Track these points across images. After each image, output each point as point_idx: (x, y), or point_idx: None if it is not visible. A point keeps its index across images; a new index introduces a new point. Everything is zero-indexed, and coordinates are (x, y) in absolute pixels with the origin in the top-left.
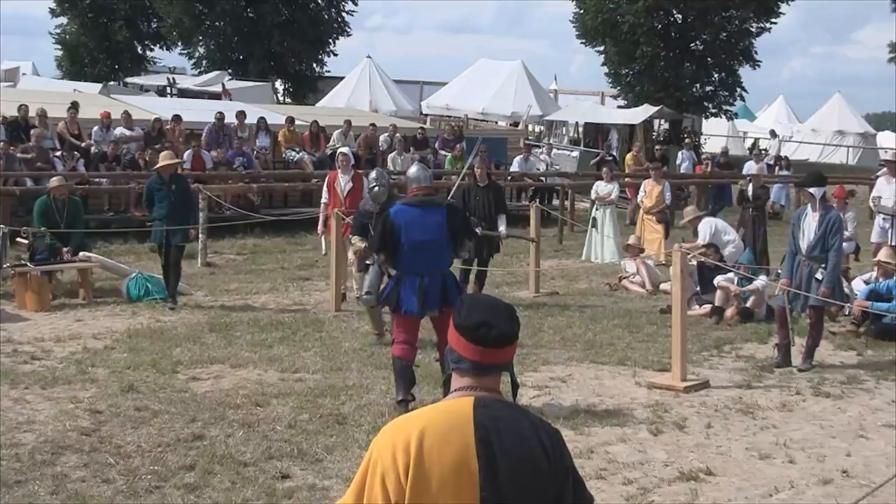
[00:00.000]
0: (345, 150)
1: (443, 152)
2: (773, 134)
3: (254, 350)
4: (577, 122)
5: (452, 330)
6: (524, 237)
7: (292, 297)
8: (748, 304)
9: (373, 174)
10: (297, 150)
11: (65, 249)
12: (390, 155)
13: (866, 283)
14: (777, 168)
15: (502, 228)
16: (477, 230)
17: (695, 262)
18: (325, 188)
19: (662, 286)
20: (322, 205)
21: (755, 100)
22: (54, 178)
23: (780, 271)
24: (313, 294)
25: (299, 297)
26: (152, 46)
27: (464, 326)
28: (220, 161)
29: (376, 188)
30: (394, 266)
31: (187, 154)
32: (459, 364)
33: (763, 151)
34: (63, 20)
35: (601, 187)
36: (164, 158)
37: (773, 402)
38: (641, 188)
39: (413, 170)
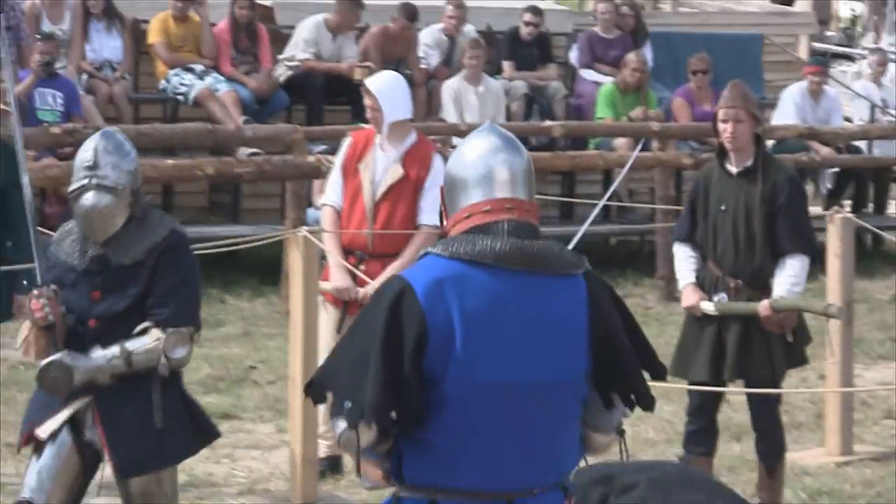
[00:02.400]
0: (373, 84)
1: (589, 74)
2: None
3: None
4: None
5: None
6: (818, 311)
7: (185, 461)
8: None
9: (87, 145)
10: (201, 68)
11: None
12: (447, 82)
13: None
14: None
15: (781, 289)
16: (709, 306)
17: None
18: (335, 172)
19: None
20: (326, 210)
21: None
22: None
23: None
24: (242, 456)
25: (203, 461)
26: None
27: None
28: None
29: (90, 198)
30: (397, 474)
31: None
32: None
33: None
34: None
35: None
36: None
37: None
38: None
39: (476, 153)
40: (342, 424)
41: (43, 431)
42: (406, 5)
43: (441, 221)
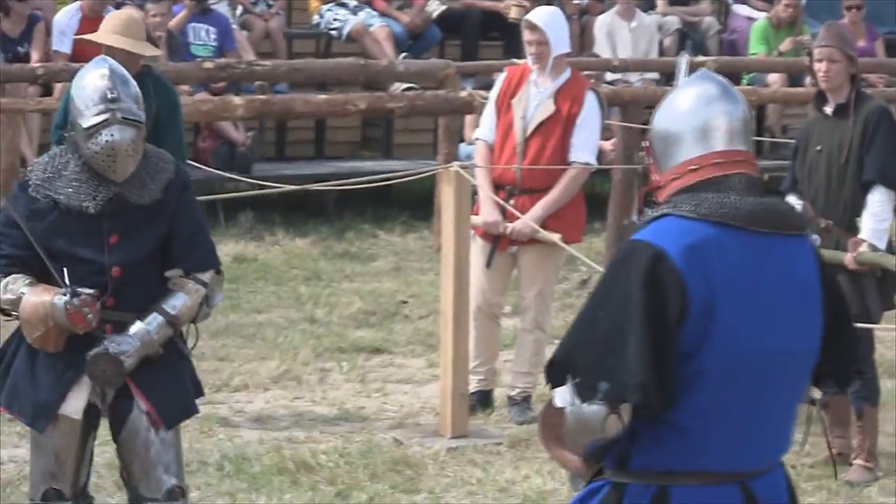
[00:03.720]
0: (533, 17)
1: (742, 10)
2: None
3: None
4: None
5: None
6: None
7: (336, 395)
8: None
9: (94, 76)
10: (354, 4)
11: None
12: (600, 17)
13: None
14: None
15: (867, 232)
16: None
17: None
18: (489, 107)
19: None
20: (479, 145)
21: None
22: None
23: None
24: (393, 390)
25: (354, 395)
26: None
27: None
28: (152, 35)
29: (115, 132)
30: (618, 460)
31: (65, 18)
32: None
33: None
34: None
35: None
36: (117, 28)
37: None
38: None
39: (688, 103)
40: (597, 408)
41: (75, 412)
42: None
43: (648, 175)
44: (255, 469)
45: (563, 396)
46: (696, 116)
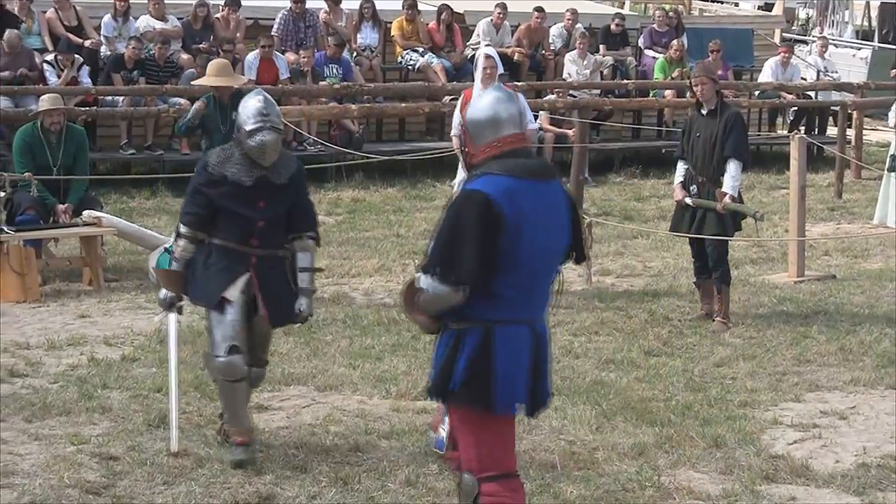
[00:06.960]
0: (488, 50)
1: (650, 52)
2: None
3: (352, 364)
4: (867, 2)
5: None
6: (749, 213)
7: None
8: None
9: (254, 101)
10: (421, 50)
11: (61, 207)
12: (567, 55)
13: None
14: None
15: (727, 188)
16: (687, 200)
17: None
18: (456, 112)
19: None
20: (454, 138)
21: None
22: (44, 97)
23: None
24: None
25: None
26: None
27: None
28: (302, 69)
29: (266, 135)
30: (461, 315)
31: (251, 58)
32: None
33: None
34: None
35: None
36: (215, 72)
37: None
38: None
39: (487, 103)
40: (448, 288)
41: (231, 295)
42: (538, 7)
43: (464, 147)
44: (364, 322)
45: (425, 281)
46: (493, 112)
